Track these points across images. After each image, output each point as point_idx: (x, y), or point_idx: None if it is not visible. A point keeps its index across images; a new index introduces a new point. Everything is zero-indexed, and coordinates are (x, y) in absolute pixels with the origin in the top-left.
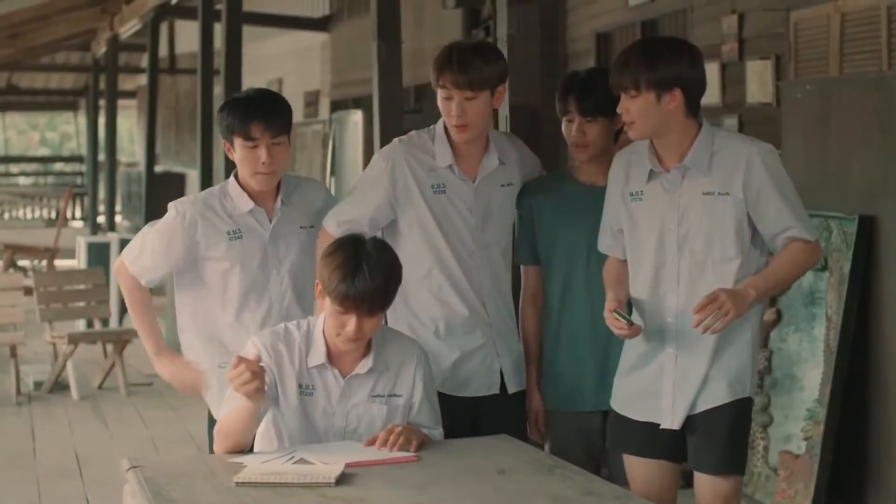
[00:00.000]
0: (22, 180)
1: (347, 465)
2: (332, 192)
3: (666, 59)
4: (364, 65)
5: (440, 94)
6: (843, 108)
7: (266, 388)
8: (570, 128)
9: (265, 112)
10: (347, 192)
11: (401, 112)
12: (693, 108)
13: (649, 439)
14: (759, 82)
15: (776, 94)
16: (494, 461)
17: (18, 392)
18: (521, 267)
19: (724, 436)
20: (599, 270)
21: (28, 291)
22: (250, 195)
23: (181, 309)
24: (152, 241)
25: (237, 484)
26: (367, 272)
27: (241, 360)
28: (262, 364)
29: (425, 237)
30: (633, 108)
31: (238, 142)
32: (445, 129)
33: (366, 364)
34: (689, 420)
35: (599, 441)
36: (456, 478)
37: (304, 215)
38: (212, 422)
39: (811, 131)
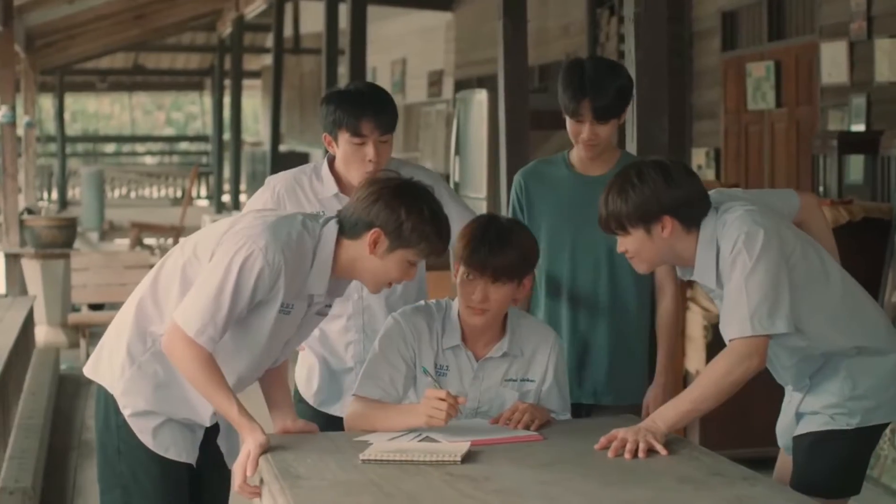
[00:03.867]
0: (148, 160)
1: (473, 444)
2: (457, 172)
3: (639, 190)
4: (488, 44)
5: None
6: None
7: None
8: (579, 128)
9: (376, 109)
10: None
11: (526, 91)
12: (692, 223)
13: None
14: (888, 61)
15: None
16: None
17: None
18: None
19: None
20: (583, 261)
21: None
22: (339, 182)
23: None
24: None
25: (363, 461)
26: (495, 239)
27: (449, 395)
28: (461, 401)
29: None
30: (629, 245)
31: (344, 137)
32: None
33: (500, 348)
34: None
35: None
36: (582, 457)
37: None
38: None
39: None
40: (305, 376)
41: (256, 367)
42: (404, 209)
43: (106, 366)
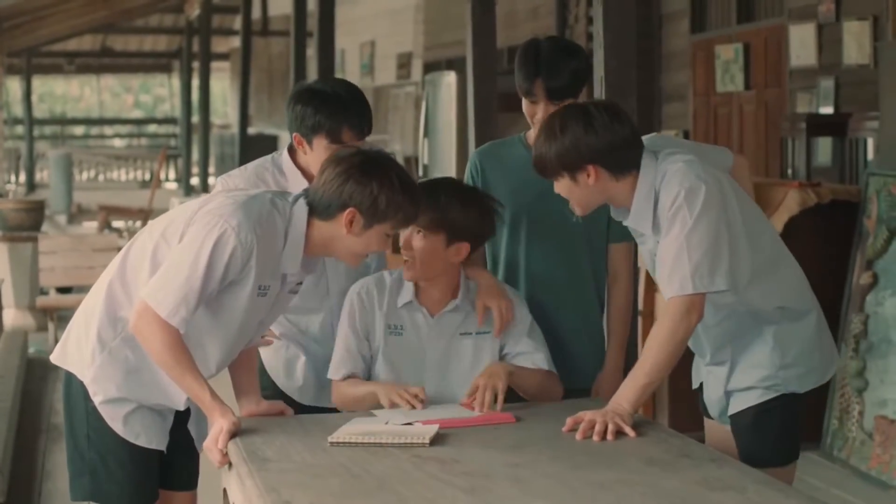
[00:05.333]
0: (116, 142)
1: (442, 426)
2: (426, 154)
3: (559, 141)
4: (457, 26)
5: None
6: None
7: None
8: (533, 109)
9: (359, 115)
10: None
11: (494, 74)
12: (620, 169)
13: None
14: (856, 43)
15: (873, 55)
16: None
17: None
18: None
19: None
20: (541, 241)
21: None
22: (305, 175)
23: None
24: None
25: (331, 444)
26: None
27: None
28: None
29: None
30: (560, 190)
31: (322, 143)
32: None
33: (454, 303)
34: None
35: None
36: (550, 439)
37: None
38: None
39: None
40: (284, 370)
41: (232, 349)
42: (376, 184)
43: (74, 352)
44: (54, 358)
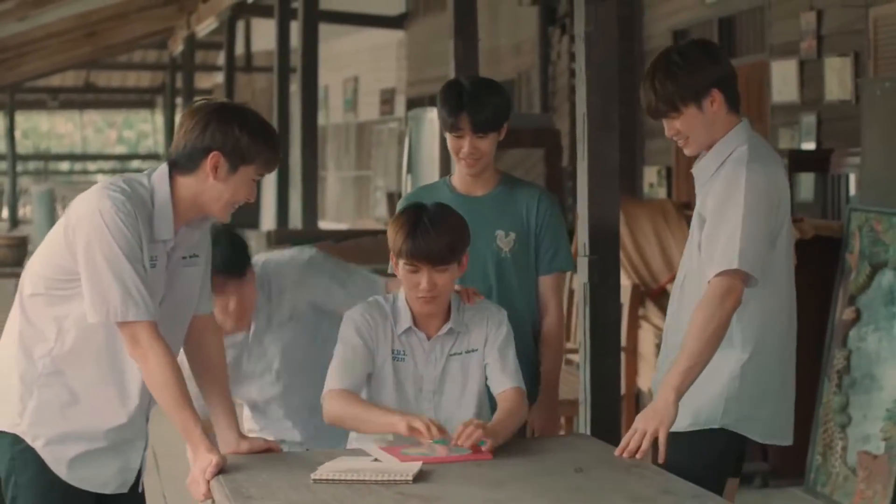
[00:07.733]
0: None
1: (425, 462)
2: (409, 191)
3: (685, 69)
4: (440, 62)
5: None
6: None
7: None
8: (458, 143)
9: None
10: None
11: None
12: (734, 103)
13: None
14: (837, 79)
15: (855, 91)
16: (572, 459)
17: None
18: None
19: None
20: (472, 277)
21: None
22: None
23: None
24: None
25: (315, 481)
26: (429, 226)
27: (442, 430)
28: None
29: None
30: (680, 126)
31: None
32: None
33: (447, 326)
34: None
35: None
36: (533, 475)
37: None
38: None
39: (890, 128)
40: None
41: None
42: (237, 125)
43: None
44: None
